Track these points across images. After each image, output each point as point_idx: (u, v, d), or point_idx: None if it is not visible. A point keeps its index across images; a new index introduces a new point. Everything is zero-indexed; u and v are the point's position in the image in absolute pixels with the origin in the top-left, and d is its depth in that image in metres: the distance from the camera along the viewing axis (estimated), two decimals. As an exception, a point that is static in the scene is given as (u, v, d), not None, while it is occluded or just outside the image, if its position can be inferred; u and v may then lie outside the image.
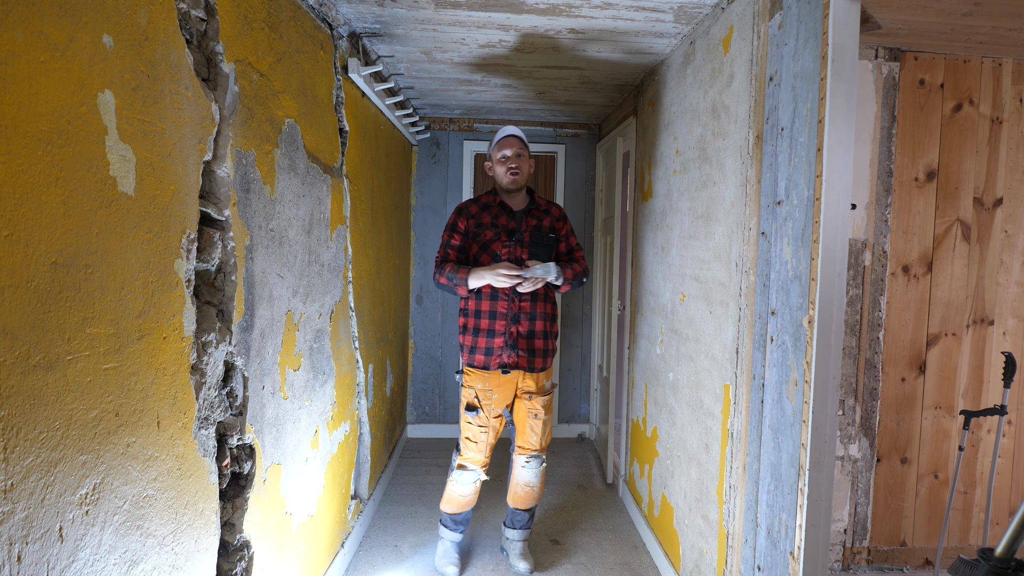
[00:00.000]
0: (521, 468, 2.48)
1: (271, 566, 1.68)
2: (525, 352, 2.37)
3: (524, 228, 2.41)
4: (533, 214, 2.45)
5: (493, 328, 2.36)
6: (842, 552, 2.48)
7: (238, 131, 1.44)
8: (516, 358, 2.36)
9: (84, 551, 0.93)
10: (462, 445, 2.43)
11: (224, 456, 1.39)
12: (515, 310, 2.36)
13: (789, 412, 1.49)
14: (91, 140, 0.94)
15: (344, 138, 2.37)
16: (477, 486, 2.45)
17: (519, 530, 2.54)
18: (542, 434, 2.47)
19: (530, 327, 2.37)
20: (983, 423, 2.53)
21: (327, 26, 2.17)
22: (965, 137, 2.43)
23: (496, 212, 2.42)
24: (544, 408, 2.45)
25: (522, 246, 2.38)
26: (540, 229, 2.43)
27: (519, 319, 2.36)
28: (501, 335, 2.36)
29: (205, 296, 1.32)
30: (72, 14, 0.90)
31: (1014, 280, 2.49)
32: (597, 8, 2.11)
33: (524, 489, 2.49)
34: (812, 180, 1.40)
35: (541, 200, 2.51)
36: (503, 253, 2.36)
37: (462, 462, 2.42)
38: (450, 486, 2.45)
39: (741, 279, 1.81)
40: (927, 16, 1.97)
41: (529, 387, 2.42)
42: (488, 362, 2.36)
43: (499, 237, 2.38)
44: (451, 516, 2.49)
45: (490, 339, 2.36)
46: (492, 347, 2.36)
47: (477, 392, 2.39)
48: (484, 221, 2.42)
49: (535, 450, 2.46)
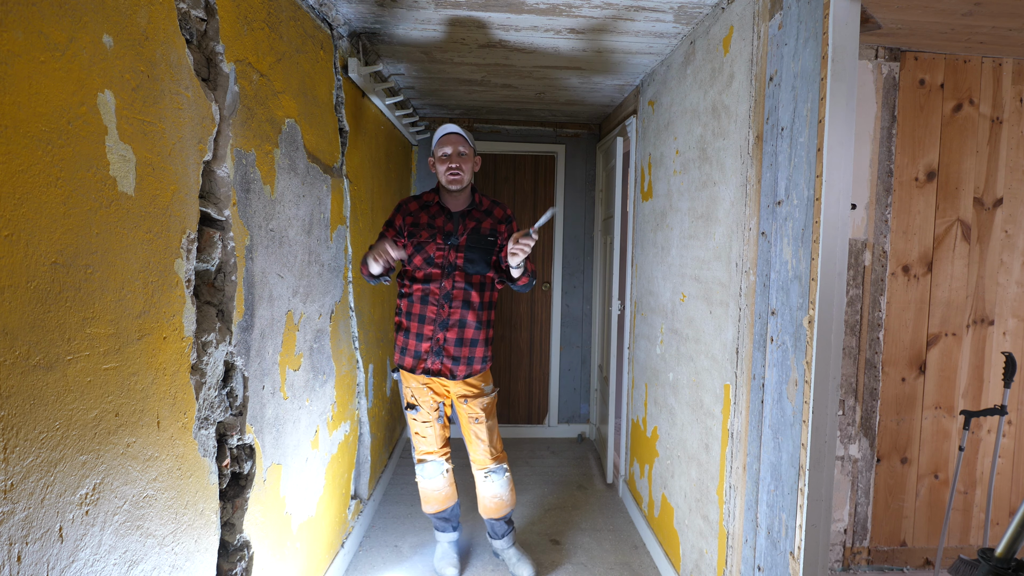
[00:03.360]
0: (483, 481, 2.40)
1: (271, 566, 1.68)
2: (449, 359, 2.27)
3: (461, 231, 2.27)
4: (473, 215, 2.30)
5: (421, 332, 2.27)
6: (842, 552, 2.48)
7: (238, 131, 1.44)
8: (440, 365, 2.27)
9: (84, 551, 0.93)
10: (413, 441, 2.40)
11: (224, 456, 1.39)
12: (444, 316, 2.25)
13: (789, 412, 1.49)
14: (91, 140, 0.94)
15: (344, 138, 2.37)
16: (447, 477, 2.41)
17: (502, 539, 2.49)
18: (489, 441, 2.36)
19: (459, 334, 2.26)
20: (983, 423, 2.53)
21: (327, 26, 2.17)
22: (965, 137, 2.43)
23: (434, 212, 2.29)
24: (484, 411, 2.34)
25: (457, 250, 2.25)
26: (479, 232, 2.28)
27: (447, 326, 2.26)
28: (428, 340, 2.26)
29: (205, 296, 1.32)
30: (72, 14, 0.90)
31: (1014, 280, 2.49)
32: (597, 8, 2.11)
33: (492, 500, 2.41)
34: (812, 180, 1.40)
35: (484, 200, 2.37)
36: (436, 256, 2.24)
37: (420, 456, 2.40)
38: (419, 484, 2.43)
39: (741, 279, 1.81)
40: (927, 16, 1.97)
41: (461, 391, 2.33)
42: (415, 365, 2.28)
43: (434, 239, 2.25)
44: (436, 515, 2.46)
45: (418, 343, 2.27)
46: (420, 351, 2.27)
47: (412, 390, 2.34)
48: (421, 221, 2.29)
49: (489, 462, 2.38)
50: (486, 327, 2.33)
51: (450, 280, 2.26)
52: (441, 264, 2.25)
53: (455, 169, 2.23)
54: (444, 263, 2.25)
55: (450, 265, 2.25)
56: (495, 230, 2.32)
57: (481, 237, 2.28)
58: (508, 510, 2.45)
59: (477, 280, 2.28)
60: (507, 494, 2.42)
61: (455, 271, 2.25)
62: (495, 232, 2.31)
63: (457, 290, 2.26)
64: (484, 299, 2.31)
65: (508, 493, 2.42)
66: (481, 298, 2.30)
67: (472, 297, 2.27)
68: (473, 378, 2.33)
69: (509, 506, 2.45)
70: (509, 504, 2.44)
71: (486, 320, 2.33)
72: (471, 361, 2.30)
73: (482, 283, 2.30)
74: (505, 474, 2.41)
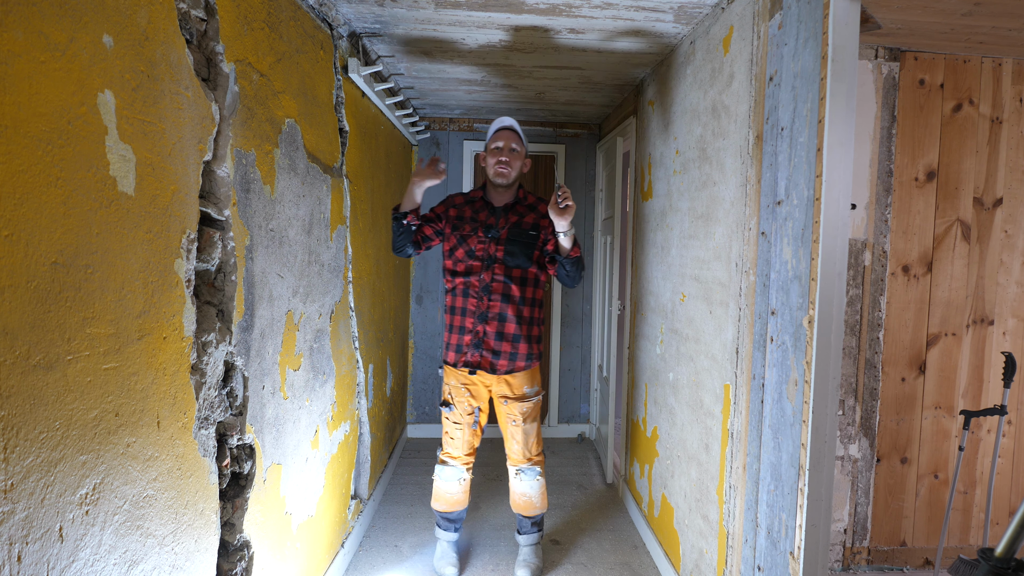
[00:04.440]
0: (513, 478, 2.45)
1: (271, 566, 1.68)
2: (490, 352, 2.30)
3: (503, 224, 2.31)
4: (516, 210, 2.34)
5: (463, 325, 2.31)
6: (842, 552, 2.48)
7: (238, 131, 1.44)
8: (480, 357, 2.30)
9: (84, 551, 0.93)
10: (443, 441, 2.44)
11: (224, 456, 1.39)
12: (483, 308, 2.29)
13: (789, 412, 1.49)
14: (91, 140, 0.94)
15: (344, 138, 2.37)
16: (463, 485, 2.43)
17: (524, 535, 2.51)
18: (524, 443, 2.38)
19: (499, 327, 2.29)
20: (983, 423, 2.53)
21: (327, 26, 2.17)
22: (965, 137, 2.43)
23: (479, 207, 2.35)
24: (522, 415, 2.36)
25: (497, 243, 2.29)
26: (520, 226, 2.31)
27: (486, 318, 2.29)
28: (469, 333, 2.30)
29: (205, 296, 1.32)
30: (72, 14, 0.90)
31: (1014, 280, 2.49)
32: (597, 8, 2.11)
33: (521, 498, 2.46)
34: (812, 180, 1.40)
35: (530, 196, 2.41)
36: (477, 249, 2.29)
37: (443, 457, 2.44)
38: (435, 482, 2.46)
39: (741, 279, 1.81)
40: (927, 16, 1.97)
41: (503, 391, 2.35)
42: (457, 360, 2.33)
43: (476, 232, 2.30)
44: (443, 515, 2.48)
45: (460, 336, 2.31)
46: (461, 344, 2.31)
47: (450, 388, 2.37)
48: (465, 215, 2.35)
49: (521, 461, 2.41)
50: (529, 323, 2.33)
51: (489, 273, 2.29)
52: (481, 257, 2.29)
53: (504, 163, 2.27)
54: (484, 255, 2.29)
55: (490, 258, 2.28)
56: (538, 224, 2.34)
57: (522, 231, 2.31)
58: (536, 512, 2.47)
59: (518, 274, 2.30)
60: (536, 496, 2.44)
61: (495, 264, 2.28)
62: (538, 227, 2.34)
63: (496, 283, 2.29)
64: (526, 295, 2.32)
65: (538, 495, 2.45)
66: (523, 293, 2.31)
67: (512, 291, 2.29)
68: (515, 375, 2.34)
69: (537, 508, 2.47)
70: (538, 507, 2.46)
71: (529, 316, 2.33)
72: (513, 357, 2.31)
73: (523, 278, 2.31)
74: (537, 477, 2.43)
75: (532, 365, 2.37)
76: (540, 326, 2.38)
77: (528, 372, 2.37)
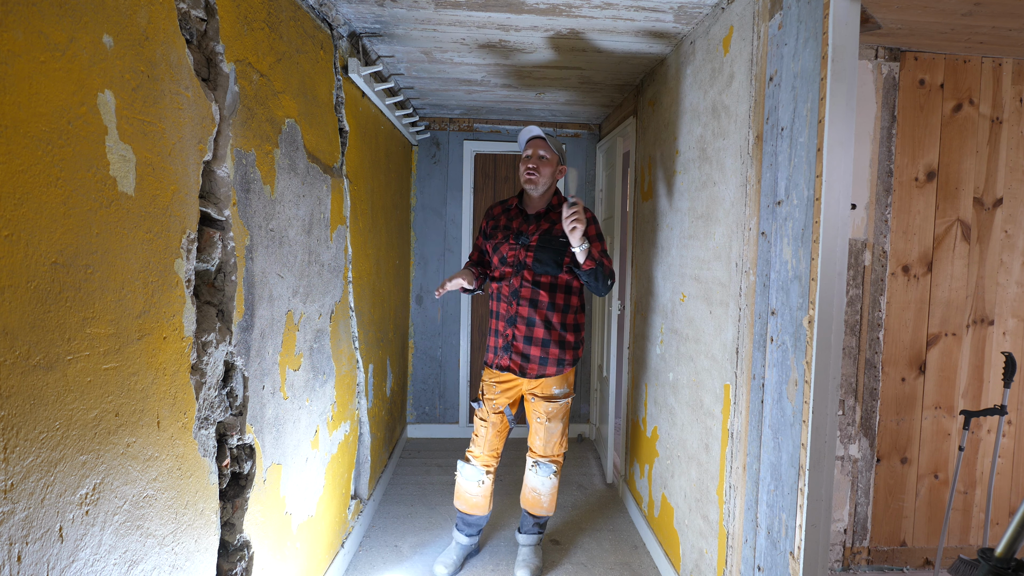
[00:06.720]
0: (528, 470, 2.49)
1: (271, 566, 1.68)
2: (519, 356, 2.34)
3: (533, 231, 2.34)
4: (548, 217, 2.36)
5: (497, 328, 2.39)
6: (842, 552, 2.48)
7: (238, 131, 1.44)
8: (509, 361, 2.35)
9: (84, 551, 0.93)
10: (471, 438, 2.48)
11: (224, 456, 1.39)
12: (512, 312, 2.34)
13: (789, 412, 1.49)
14: (91, 140, 0.94)
15: (344, 138, 2.37)
16: (482, 488, 2.44)
17: (525, 534, 2.53)
18: (546, 440, 2.43)
19: (527, 332, 2.33)
20: (983, 423, 2.53)
21: (327, 26, 2.17)
22: (965, 137, 2.43)
23: (513, 214, 2.42)
24: (547, 415, 2.40)
25: (527, 249, 2.32)
26: (550, 233, 2.32)
27: (514, 322, 2.34)
28: (501, 336, 2.37)
29: (205, 296, 1.32)
30: (72, 14, 0.90)
31: (1014, 280, 2.49)
32: (597, 8, 2.11)
33: (531, 493, 2.48)
34: (812, 180, 1.40)
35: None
36: (508, 255, 2.35)
37: (467, 454, 2.47)
38: (457, 478, 2.50)
39: (741, 279, 1.81)
40: (927, 16, 1.97)
41: (532, 388, 2.40)
42: (493, 361, 2.40)
43: (507, 239, 2.36)
44: (462, 516, 2.50)
45: (495, 339, 2.39)
46: (496, 347, 2.39)
47: (484, 385, 2.44)
48: (500, 223, 2.43)
49: (539, 455, 2.45)
50: (560, 329, 2.34)
51: (518, 278, 2.33)
52: (512, 263, 2.34)
53: (532, 170, 2.31)
54: (515, 262, 2.34)
55: (519, 264, 2.33)
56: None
57: (553, 238, 2.32)
58: (542, 513, 2.50)
59: (547, 280, 2.32)
60: (546, 495, 2.47)
61: (524, 269, 2.32)
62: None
63: (525, 288, 2.32)
64: (556, 300, 2.34)
65: (547, 495, 2.47)
66: (552, 299, 2.33)
67: (540, 297, 2.32)
68: (545, 379, 2.38)
69: (544, 509, 2.49)
70: (545, 507, 2.49)
71: (559, 322, 2.34)
72: (544, 362, 2.35)
73: (553, 284, 2.33)
74: (551, 475, 2.45)
75: (564, 370, 2.39)
76: (575, 332, 2.39)
77: (560, 377, 2.40)
